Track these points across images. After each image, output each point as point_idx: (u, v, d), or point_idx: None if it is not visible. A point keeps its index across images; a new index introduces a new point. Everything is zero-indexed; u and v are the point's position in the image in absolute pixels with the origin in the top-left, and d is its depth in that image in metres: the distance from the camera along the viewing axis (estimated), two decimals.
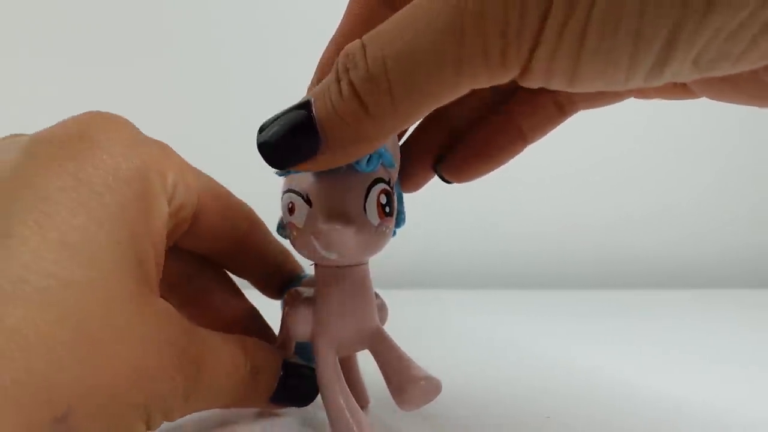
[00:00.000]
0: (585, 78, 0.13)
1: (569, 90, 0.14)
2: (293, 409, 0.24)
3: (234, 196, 0.23)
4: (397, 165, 0.21)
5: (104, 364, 0.15)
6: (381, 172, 0.20)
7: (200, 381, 0.18)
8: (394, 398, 0.20)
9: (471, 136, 0.23)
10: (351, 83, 0.15)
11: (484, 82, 0.14)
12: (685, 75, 0.13)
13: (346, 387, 0.21)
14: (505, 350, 0.37)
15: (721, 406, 0.27)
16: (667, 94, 0.19)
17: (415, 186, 0.24)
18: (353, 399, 0.21)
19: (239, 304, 0.25)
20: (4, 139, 0.19)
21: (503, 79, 0.14)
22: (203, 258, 0.24)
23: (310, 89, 0.21)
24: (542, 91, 0.22)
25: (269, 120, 0.17)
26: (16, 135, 0.19)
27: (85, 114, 0.18)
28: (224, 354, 0.20)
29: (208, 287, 0.24)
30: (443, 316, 0.48)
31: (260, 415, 0.24)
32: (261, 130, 0.17)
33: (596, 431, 0.24)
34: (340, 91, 0.15)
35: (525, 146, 0.23)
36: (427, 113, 0.15)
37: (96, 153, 0.17)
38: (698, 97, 0.18)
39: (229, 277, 0.25)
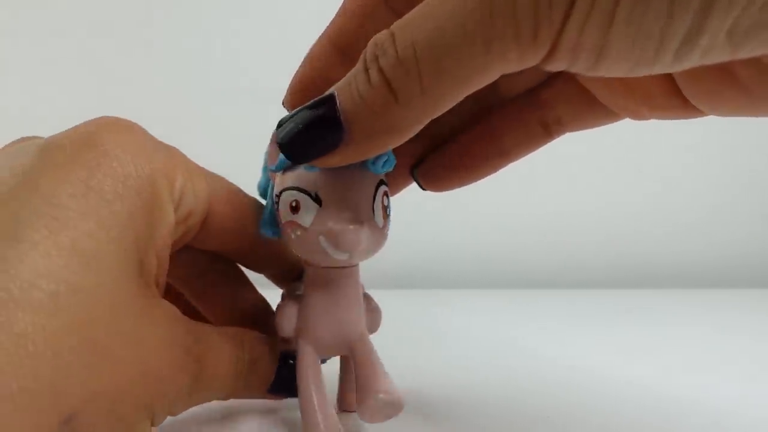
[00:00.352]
0: (612, 55, 0.13)
1: (592, 74, 0.14)
2: (294, 409, 0.24)
3: (245, 195, 0.23)
4: None
5: (111, 369, 0.16)
6: (382, 174, 0.20)
7: (202, 378, 0.19)
8: (356, 407, 0.20)
9: (451, 145, 0.23)
10: (380, 70, 0.15)
11: (513, 64, 0.14)
12: (717, 52, 0.13)
13: (323, 387, 0.21)
14: (503, 350, 0.37)
15: (723, 406, 0.27)
16: (668, 113, 0.18)
17: (393, 190, 0.24)
18: (327, 400, 0.21)
19: (249, 298, 0.25)
20: (16, 142, 0.19)
21: (532, 59, 0.14)
22: (214, 252, 0.24)
23: (293, 84, 0.21)
24: (529, 107, 0.22)
25: (289, 115, 0.17)
26: (28, 138, 0.19)
27: (96, 120, 0.18)
28: (224, 350, 0.20)
29: (218, 281, 0.24)
30: (441, 316, 0.48)
31: (260, 414, 0.24)
32: (280, 125, 0.17)
33: (596, 431, 0.24)
34: (368, 80, 0.15)
35: (506, 163, 0.23)
36: (456, 102, 0.15)
37: (106, 161, 0.17)
38: (701, 115, 0.18)
39: (240, 270, 0.25)
